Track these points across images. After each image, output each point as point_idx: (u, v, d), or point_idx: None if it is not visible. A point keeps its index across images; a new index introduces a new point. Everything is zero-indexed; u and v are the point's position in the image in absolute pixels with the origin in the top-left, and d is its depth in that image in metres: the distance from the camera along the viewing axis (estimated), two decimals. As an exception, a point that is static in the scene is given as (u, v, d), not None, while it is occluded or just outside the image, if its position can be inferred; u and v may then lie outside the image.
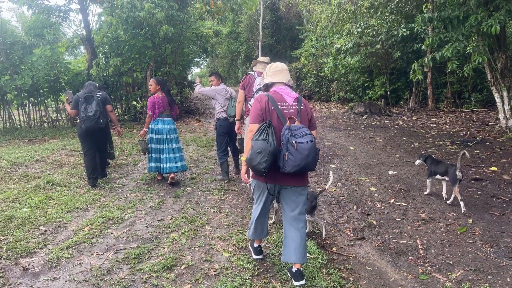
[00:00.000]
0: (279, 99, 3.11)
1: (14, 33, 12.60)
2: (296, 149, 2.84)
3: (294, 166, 2.87)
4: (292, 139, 2.87)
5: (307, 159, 2.87)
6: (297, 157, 2.85)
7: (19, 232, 4.23)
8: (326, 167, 7.11)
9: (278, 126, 3.02)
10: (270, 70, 3.31)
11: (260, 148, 2.89)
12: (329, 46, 16.63)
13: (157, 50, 14.69)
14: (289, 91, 3.21)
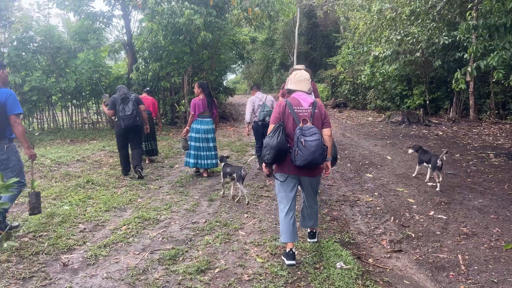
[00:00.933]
0: (296, 104, 3.64)
1: (61, 38, 13.18)
2: (304, 146, 3.40)
3: (302, 160, 3.42)
4: (301, 138, 3.42)
5: (314, 155, 3.39)
6: (305, 152, 3.40)
7: (60, 229, 4.38)
8: (362, 176, 6.96)
9: (293, 127, 3.57)
10: (295, 78, 3.78)
11: (265, 143, 3.55)
12: (367, 53, 16.38)
13: (194, 56, 14.95)
14: (306, 96, 3.70)
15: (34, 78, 11.96)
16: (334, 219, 4.91)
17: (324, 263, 3.57)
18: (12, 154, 4.13)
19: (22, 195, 5.22)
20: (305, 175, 3.67)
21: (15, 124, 4.04)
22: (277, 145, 3.47)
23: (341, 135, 11.44)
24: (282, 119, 3.61)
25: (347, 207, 5.39)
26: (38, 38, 12.82)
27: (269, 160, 3.55)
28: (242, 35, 18.54)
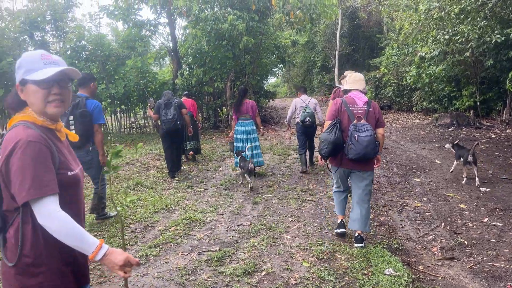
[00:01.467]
0: (351, 102, 3.96)
1: (110, 46, 13.82)
2: (357, 140, 3.73)
3: (355, 154, 3.76)
4: (354, 133, 3.75)
5: (366, 149, 3.71)
6: (358, 147, 3.73)
7: (113, 229, 4.59)
8: (409, 181, 6.76)
9: (348, 123, 3.89)
10: (351, 78, 4.17)
11: (323, 138, 3.92)
12: (412, 54, 15.89)
13: (236, 61, 15.15)
14: (361, 96, 4.00)
15: (86, 85, 12.60)
16: (381, 224, 4.80)
17: (372, 269, 3.50)
18: (95, 156, 4.64)
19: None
20: (357, 169, 3.97)
21: (96, 132, 4.56)
22: (335, 140, 3.83)
23: (386, 138, 11.16)
24: (338, 117, 3.95)
25: (394, 213, 5.26)
26: (90, 46, 13.51)
27: (326, 154, 3.93)
28: (283, 39, 18.57)
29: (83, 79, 4.65)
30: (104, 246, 1.48)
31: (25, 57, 1.58)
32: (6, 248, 1.52)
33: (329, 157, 4.06)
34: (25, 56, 1.58)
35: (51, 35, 13.70)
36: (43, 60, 1.55)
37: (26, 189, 1.40)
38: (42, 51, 1.61)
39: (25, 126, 1.50)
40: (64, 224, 1.43)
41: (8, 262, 1.50)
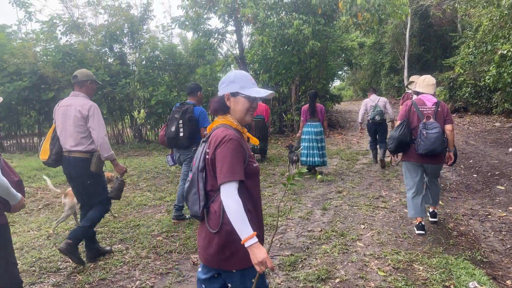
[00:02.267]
0: (421, 103, 4.42)
1: (181, 55, 14.48)
2: (426, 137, 4.16)
3: (424, 149, 4.18)
4: (423, 131, 4.20)
5: (434, 145, 4.13)
6: (426, 143, 4.16)
7: (188, 230, 4.80)
8: (491, 188, 6.29)
9: (417, 122, 4.34)
10: (424, 82, 4.55)
11: (390, 135, 4.47)
12: (491, 52, 14.80)
13: (302, 65, 15.13)
14: (431, 97, 4.42)
15: (159, 93, 13.29)
16: (462, 234, 4.52)
17: (454, 281, 3.31)
18: None
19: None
20: (427, 162, 4.38)
21: (202, 135, 4.90)
22: (399, 137, 4.33)
23: (463, 143, 10.50)
24: (407, 116, 4.43)
25: (476, 222, 4.93)
26: (162, 56, 14.27)
27: (392, 148, 4.46)
28: (350, 41, 18.23)
29: (191, 89, 5.26)
30: (254, 238, 1.81)
31: (238, 75, 2.04)
32: (209, 219, 1.97)
33: (396, 152, 4.57)
34: (237, 74, 2.06)
35: (128, 47, 14.66)
36: (251, 81, 2.04)
37: (224, 173, 1.85)
38: (247, 73, 2.08)
39: (225, 127, 1.99)
40: (237, 206, 1.82)
41: (212, 229, 1.95)
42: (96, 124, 3.78)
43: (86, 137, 3.81)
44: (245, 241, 1.80)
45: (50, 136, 3.91)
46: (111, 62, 13.87)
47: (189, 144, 4.95)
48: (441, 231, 4.57)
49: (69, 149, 3.79)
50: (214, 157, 1.92)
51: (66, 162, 3.84)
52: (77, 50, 12.80)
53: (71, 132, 3.78)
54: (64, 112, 3.82)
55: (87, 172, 3.80)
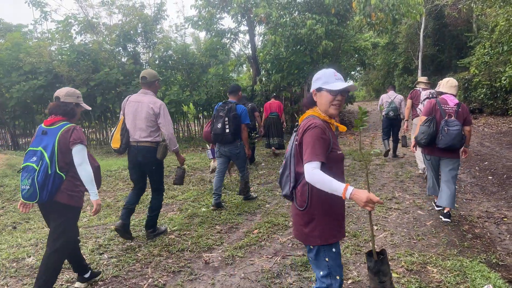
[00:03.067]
0: (444, 102, 4.86)
1: (194, 55, 14.54)
2: (447, 133, 4.60)
3: (444, 144, 4.62)
4: (445, 127, 4.64)
5: (453, 140, 4.58)
6: (447, 138, 4.60)
7: (200, 229, 4.81)
8: (507, 191, 6.18)
9: (439, 119, 4.78)
10: (448, 84, 5.03)
11: (423, 130, 4.81)
12: (507, 53, 14.55)
13: (314, 65, 15.06)
14: (453, 98, 4.89)
15: (172, 92, 13.37)
16: (477, 237, 4.45)
17: (469, 284, 3.26)
18: (242, 149, 5.73)
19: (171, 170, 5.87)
20: (446, 156, 4.83)
21: (243, 130, 5.63)
22: (433, 132, 4.72)
23: (478, 144, 10.34)
24: (432, 112, 4.86)
25: (491, 225, 4.84)
26: (175, 56, 14.34)
27: (425, 143, 4.80)
28: (363, 41, 18.09)
29: (233, 89, 5.79)
30: (349, 187, 1.97)
31: (324, 72, 2.27)
32: (297, 198, 2.27)
33: (428, 145, 4.84)
34: (323, 71, 2.28)
35: (142, 46, 14.79)
36: (335, 77, 2.24)
37: (307, 154, 2.09)
38: (333, 70, 2.28)
39: (313, 117, 2.25)
40: (320, 174, 2.02)
41: (299, 207, 2.26)
42: (166, 121, 4.40)
43: (155, 130, 4.39)
44: (344, 195, 1.97)
45: (120, 127, 4.43)
46: (125, 62, 14.00)
47: (233, 139, 5.51)
48: (455, 233, 4.51)
49: (138, 139, 4.35)
50: (301, 141, 2.19)
51: (135, 151, 4.38)
52: (91, 50, 12.94)
53: (141, 125, 4.34)
54: (135, 107, 4.37)
55: (154, 159, 4.39)
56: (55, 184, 2.99)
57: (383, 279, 2.17)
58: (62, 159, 3.02)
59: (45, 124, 3.13)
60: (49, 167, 2.96)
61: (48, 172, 2.95)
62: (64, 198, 3.05)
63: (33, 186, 2.91)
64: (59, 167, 3.01)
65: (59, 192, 3.03)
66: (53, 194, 3.00)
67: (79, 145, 3.04)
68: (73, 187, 3.10)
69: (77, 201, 3.14)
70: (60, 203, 3.05)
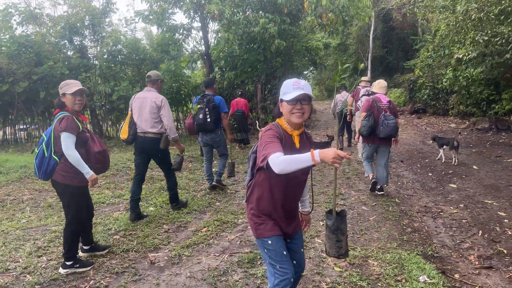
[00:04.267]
0: (379, 100, 5.95)
1: (145, 50, 14.19)
2: (387, 125, 5.68)
3: (385, 134, 5.73)
4: (385, 121, 5.70)
5: (392, 131, 5.71)
6: (387, 129, 5.69)
7: (147, 229, 4.71)
8: (445, 186, 6.57)
9: (377, 114, 5.83)
10: (379, 85, 6.23)
11: (364, 124, 5.87)
12: (448, 56, 15.45)
13: (268, 64, 15.21)
14: (384, 97, 6.02)
15: (121, 88, 12.97)
16: (415, 230, 4.69)
17: (406, 275, 3.43)
18: (222, 137, 6.28)
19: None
20: (383, 144, 5.95)
21: (223, 118, 6.15)
22: (372, 125, 5.79)
23: (421, 143, 10.90)
24: (370, 109, 5.88)
25: (429, 219, 5.13)
26: (125, 50, 13.92)
27: (365, 134, 5.91)
28: (315, 41, 18.48)
29: (207, 83, 6.31)
30: (314, 152, 1.98)
31: (285, 83, 2.35)
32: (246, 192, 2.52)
33: (369, 136, 5.92)
34: (285, 83, 2.35)
35: (89, 40, 14.22)
36: (293, 86, 2.28)
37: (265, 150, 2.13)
38: (295, 79, 2.34)
39: (273, 124, 2.38)
40: (285, 159, 2.01)
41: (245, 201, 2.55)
42: (167, 113, 5.00)
43: (158, 122, 5.00)
44: (314, 159, 1.96)
45: (128, 121, 5.05)
46: (71, 55, 13.40)
47: (215, 127, 6.04)
48: (396, 228, 4.72)
49: (145, 130, 4.96)
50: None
51: (142, 140, 5.00)
52: (34, 42, 12.27)
53: (146, 118, 4.94)
54: (141, 102, 4.98)
55: (157, 148, 5.02)
56: (50, 166, 3.46)
57: (340, 238, 2.33)
58: (56, 145, 3.47)
59: (54, 114, 3.66)
60: (45, 151, 3.46)
61: (44, 155, 3.46)
62: (59, 177, 3.50)
63: (34, 166, 3.53)
64: (54, 151, 3.46)
65: (55, 172, 3.49)
66: (49, 174, 3.50)
67: (63, 133, 3.41)
68: (67, 169, 3.48)
69: (70, 180, 3.51)
70: (57, 182, 3.53)
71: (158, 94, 5.09)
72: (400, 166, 8.40)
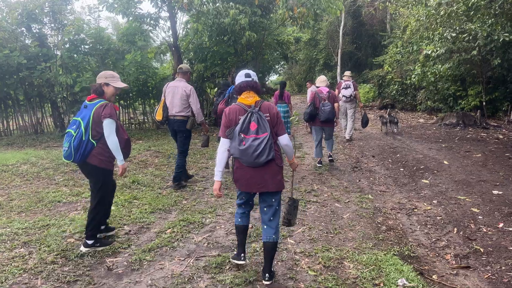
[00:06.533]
0: (320, 92, 7.37)
1: (110, 40, 13.47)
2: (323, 110, 7.14)
3: (323, 118, 7.16)
4: (322, 107, 7.17)
5: (328, 115, 7.15)
6: (324, 114, 7.14)
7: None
8: (417, 182, 6.48)
9: (319, 102, 7.26)
10: (319, 80, 7.76)
11: (305, 112, 7.51)
12: (416, 52, 15.60)
13: (238, 57, 14.85)
14: (325, 88, 7.43)
15: (84, 79, 12.28)
16: (390, 228, 4.53)
17: (384, 279, 3.23)
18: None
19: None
20: (326, 126, 7.43)
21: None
22: (310, 112, 7.32)
23: (391, 138, 10.89)
24: (314, 100, 7.40)
25: (403, 216, 4.99)
26: (89, 40, 13.19)
27: (306, 119, 7.64)
28: (286, 35, 18.26)
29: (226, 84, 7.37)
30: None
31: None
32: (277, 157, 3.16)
33: (309, 121, 7.78)
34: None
35: (49, 28, 13.37)
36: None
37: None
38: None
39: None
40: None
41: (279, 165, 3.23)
42: (194, 100, 5.94)
43: (186, 107, 5.96)
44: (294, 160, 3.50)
45: (162, 105, 6.01)
46: (29, 44, 12.55)
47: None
48: (370, 226, 4.55)
49: (175, 114, 5.95)
50: None
51: (172, 122, 6.01)
52: (-12, 28, 11.39)
53: (177, 103, 5.91)
54: (173, 90, 5.92)
55: (184, 128, 6.02)
56: (87, 148, 3.63)
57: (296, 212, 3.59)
58: (94, 129, 3.63)
59: (87, 99, 3.79)
60: (83, 135, 3.59)
61: (82, 138, 3.60)
62: (95, 160, 3.68)
63: (70, 148, 3.60)
64: (92, 135, 3.63)
65: (90, 155, 3.66)
66: (85, 156, 3.65)
67: (108, 119, 3.63)
68: (103, 152, 3.70)
69: (106, 164, 3.75)
70: (91, 165, 3.69)
71: (187, 84, 6.00)
72: (372, 161, 8.31)
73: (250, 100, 3.14)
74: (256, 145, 2.96)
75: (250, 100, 3.14)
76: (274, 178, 3.11)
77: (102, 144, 3.68)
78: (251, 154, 2.98)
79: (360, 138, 11.14)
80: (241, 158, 3.06)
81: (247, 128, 3.02)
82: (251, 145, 2.97)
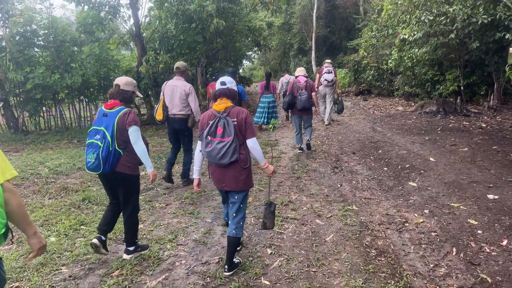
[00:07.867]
0: (298, 81, 7.77)
1: (65, 31, 12.30)
2: (300, 99, 7.59)
3: (300, 106, 7.64)
4: (298, 96, 7.61)
5: (304, 103, 7.58)
6: (300, 103, 7.60)
7: (37, 276, 3.49)
8: (404, 185, 5.89)
9: (296, 91, 7.70)
10: (298, 70, 8.14)
11: (284, 100, 8.22)
12: (392, 36, 15.02)
13: (208, 45, 13.95)
14: (303, 78, 7.79)
15: (37, 75, 11.17)
16: (381, 252, 3.89)
17: None
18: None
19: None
20: (304, 114, 7.84)
21: (243, 105, 7.48)
22: (288, 101, 7.79)
23: (371, 129, 10.32)
24: (292, 89, 7.78)
25: (394, 233, 4.37)
26: (41, 31, 12.00)
27: (285, 107, 8.15)
28: (258, 21, 17.37)
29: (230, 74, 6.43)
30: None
31: None
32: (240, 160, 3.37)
33: (288, 110, 8.52)
34: None
35: (-5, 19, 12.09)
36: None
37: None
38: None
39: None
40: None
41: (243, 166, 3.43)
42: (193, 99, 5.94)
43: (186, 106, 5.95)
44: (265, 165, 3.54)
45: (161, 104, 5.97)
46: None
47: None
48: (358, 251, 3.90)
49: (175, 112, 5.94)
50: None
51: (172, 120, 6.01)
52: None
53: (177, 102, 5.91)
54: (172, 89, 5.92)
55: (185, 127, 6.02)
56: (115, 158, 3.53)
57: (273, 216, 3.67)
58: (120, 137, 3.54)
59: (106, 107, 3.65)
60: (110, 144, 3.49)
61: (109, 148, 3.49)
62: (125, 169, 3.61)
63: (98, 160, 3.47)
64: (118, 144, 3.54)
65: (119, 164, 3.57)
66: (114, 166, 3.54)
67: (134, 126, 3.58)
68: (133, 160, 3.66)
69: (134, 170, 3.72)
70: (121, 173, 3.60)
71: (185, 82, 6.05)
72: (353, 159, 7.70)
73: (221, 106, 3.37)
74: (219, 148, 3.25)
75: (221, 106, 3.36)
76: (237, 178, 3.34)
77: (129, 151, 3.64)
78: (215, 155, 3.27)
79: (338, 132, 10.52)
80: (208, 159, 3.38)
81: (214, 132, 3.31)
82: (215, 147, 3.27)
